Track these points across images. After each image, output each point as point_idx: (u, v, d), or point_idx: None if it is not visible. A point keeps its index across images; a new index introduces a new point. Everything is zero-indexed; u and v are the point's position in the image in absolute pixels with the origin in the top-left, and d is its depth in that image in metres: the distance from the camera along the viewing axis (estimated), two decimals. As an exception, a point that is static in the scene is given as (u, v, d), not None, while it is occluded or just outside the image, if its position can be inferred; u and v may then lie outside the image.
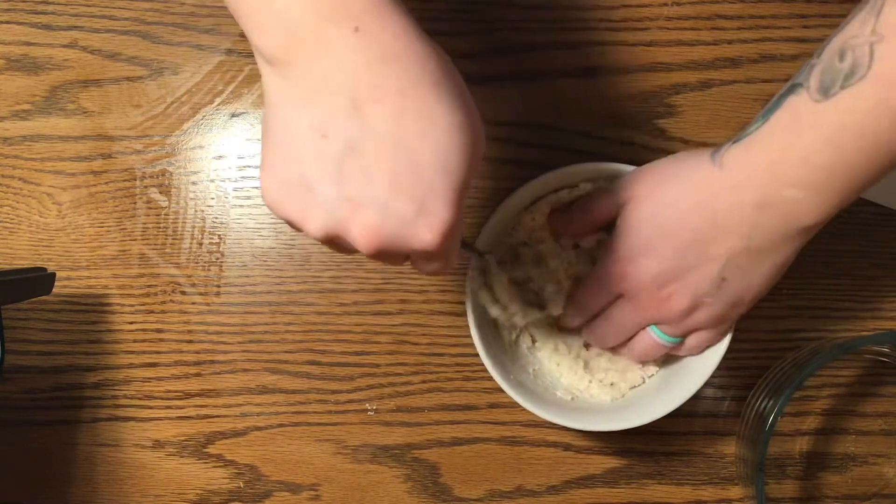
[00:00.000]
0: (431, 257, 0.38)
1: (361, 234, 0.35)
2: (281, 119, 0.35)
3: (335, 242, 0.37)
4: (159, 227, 0.62)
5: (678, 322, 0.50)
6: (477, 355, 0.59)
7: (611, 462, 0.60)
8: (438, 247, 0.36)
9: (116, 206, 0.62)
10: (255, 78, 0.62)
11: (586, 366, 0.56)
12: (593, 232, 0.54)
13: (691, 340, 0.51)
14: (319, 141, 0.34)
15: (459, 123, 0.35)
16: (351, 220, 0.35)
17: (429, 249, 0.36)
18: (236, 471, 0.61)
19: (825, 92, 0.41)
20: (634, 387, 0.56)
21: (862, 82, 0.40)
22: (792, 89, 0.43)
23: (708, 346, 0.52)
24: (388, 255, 0.37)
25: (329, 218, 0.35)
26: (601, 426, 0.53)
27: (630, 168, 0.52)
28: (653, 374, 0.56)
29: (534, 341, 0.57)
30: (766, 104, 0.46)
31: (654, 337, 0.51)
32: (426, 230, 0.35)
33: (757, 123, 0.45)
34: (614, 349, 0.55)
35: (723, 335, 0.51)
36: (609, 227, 0.52)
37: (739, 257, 0.46)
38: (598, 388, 0.56)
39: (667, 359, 0.56)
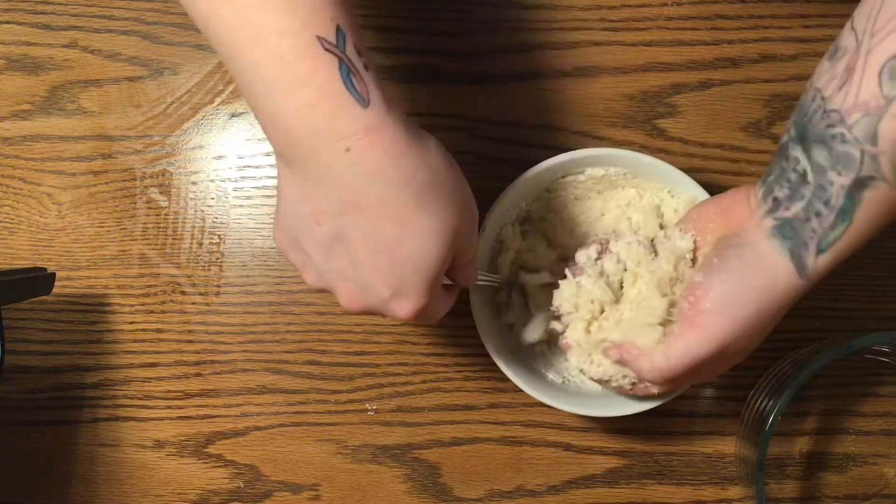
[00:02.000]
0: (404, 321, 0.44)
1: (346, 299, 0.43)
2: (287, 198, 0.42)
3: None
4: (159, 227, 0.62)
5: None
6: (477, 355, 0.59)
7: (611, 462, 0.60)
8: (412, 321, 0.43)
9: (116, 206, 0.62)
10: (255, 78, 0.62)
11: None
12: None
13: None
14: (314, 226, 0.41)
15: (434, 228, 0.40)
16: (338, 286, 0.42)
17: (405, 321, 0.43)
18: (236, 471, 0.61)
19: None
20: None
21: None
22: (863, 183, 0.41)
23: None
24: (370, 314, 0.44)
25: (319, 279, 0.43)
26: (590, 411, 0.53)
27: (636, 154, 0.52)
28: None
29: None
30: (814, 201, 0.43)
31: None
32: (400, 310, 0.42)
33: (836, 227, 0.43)
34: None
35: None
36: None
37: None
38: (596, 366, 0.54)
39: None
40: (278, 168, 0.41)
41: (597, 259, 0.52)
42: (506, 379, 0.53)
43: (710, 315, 0.45)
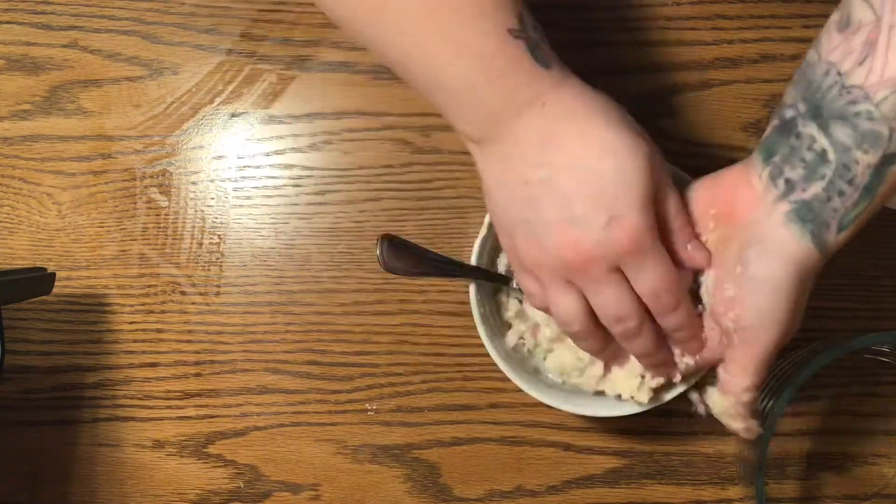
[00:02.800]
0: (637, 261, 0.43)
1: (574, 250, 0.42)
2: (493, 183, 0.44)
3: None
4: (159, 227, 0.62)
5: None
6: (477, 355, 0.59)
7: (611, 462, 0.60)
8: (636, 245, 0.42)
9: (116, 206, 0.62)
10: (254, 78, 0.62)
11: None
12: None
13: None
14: (522, 187, 0.43)
15: (631, 145, 0.42)
16: (563, 241, 0.43)
17: (630, 249, 0.42)
18: (236, 471, 0.61)
19: None
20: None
21: None
22: (891, 160, 0.41)
23: None
24: (597, 269, 0.43)
25: (542, 248, 0.44)
26: (590, 411, 0.53)
27: None
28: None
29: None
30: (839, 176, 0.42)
31: None
32: (619, 231, 0.42)
33: (859, 205, 0.42)
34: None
35: None
36: None
37: None
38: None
39: None
40: (477, 159, 0.44)
41: None
42: (506, 379, 0.53)
43: (756, 331, 0.45)
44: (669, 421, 0.60)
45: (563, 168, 0.42)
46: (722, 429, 0.59)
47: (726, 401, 0.48)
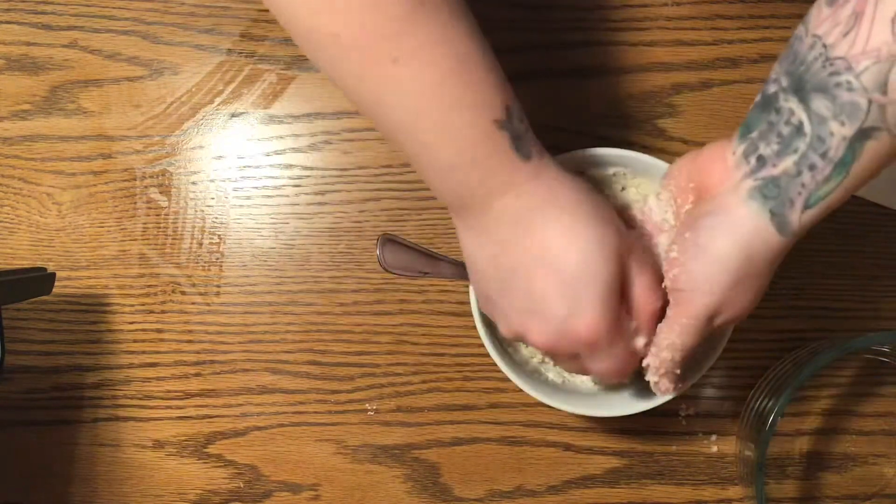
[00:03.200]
0: (594, 353, 0.45)
1: (536, 336, 0.44)
2: (470, 254, 0.45)
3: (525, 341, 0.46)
4: (159, 227, 0.62)
5: None
6: (477, 355, 0.59)
7: (611, 462, 0.60)
8: (593, 339, 0.43)
9: (116, 206, 0.62)
10: (254, 78, 0.62)
11: None
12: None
13: None
14: (494, 269, 0.44)
15: (598, 238, 0.43)
16: (526, 327, 0.44)
17: (587, 343, 0.44)
18: (236, 471, 0.61)
19: None
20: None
21: None
22: (866, 134, 0.40)
23: None
24: (561, 353, 0.45)
25: (509, 327, 0.46)
26: (590, 411, 0.53)
27: (636, 154, 0.52)
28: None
29: None
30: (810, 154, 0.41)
31: None
32: (576, 326, 0.43)
33: (830, 181, 0.41)
34: None
35: None
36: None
37: None
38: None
39: None
40: (457, 227, 0.45)
41: None
42: (506, 379, 0.53)
43: (687, 294, 0.45)
44: (669, 421, 0.60)
45: (530, 259, 0.43)
46: (722, 429, 0.60)
47: (651, 351, 0.48)
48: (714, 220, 0.44)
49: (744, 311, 0.45)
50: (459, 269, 0.54)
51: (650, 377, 0.48)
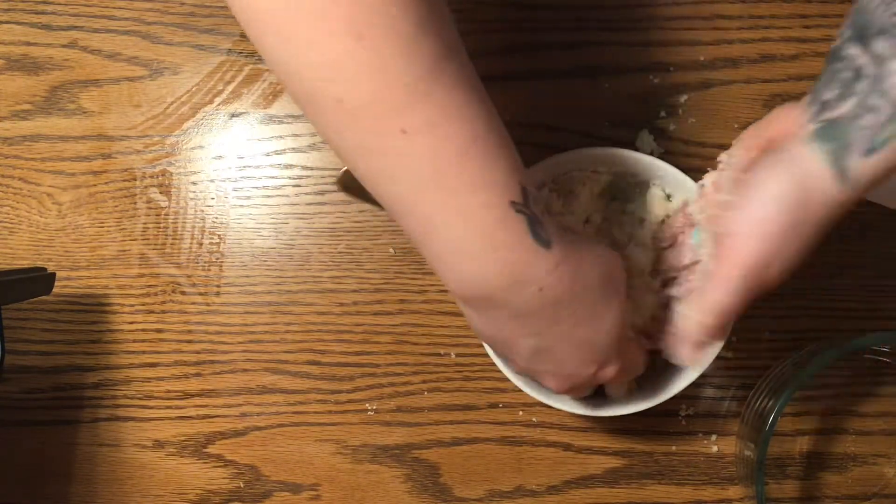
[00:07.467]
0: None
1: (554, 386, 0.46)
2: (482, 329, 0.43)
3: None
4: (159, 227, 0.62)
5: None
6: (477, 355, 0.59)
7: (611, 462, 0.60)
8: (615, 379, 0.46)
9: (116, 206, 0.62)
10: (255, 78, 0.62)
11: None
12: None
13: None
14: (514, 344, 0.43)
15: (615, 308, 0.43)
16: (545, 379, 0.46)
17: (609, 381, 0.46)
18: (236, 471, 0.61)
19: None
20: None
21: None
22: None
23: None
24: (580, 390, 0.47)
25: (525, 371, 0.46)
26: (590, 411, 0.53)
27: (636, 154, 0.52)
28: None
29: None
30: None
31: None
32: (605, 374, 0.45)
33: (892, 123, 0.39)
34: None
35: None
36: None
37: None
38: None
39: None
40: (465, 312, 0.43)
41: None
42: (506, 379, 0.53)
43: (740, 240, 0.43)
44: (669, 421, 0.60)
45: (557, 340, 0.43)
46: (722, 429, 0.60)
47: (693, 316, 0.47)
48: (776, 162, 0.43)
49: (792, 266, 0.43)
50: None
51: (677, 349, 0.49)
